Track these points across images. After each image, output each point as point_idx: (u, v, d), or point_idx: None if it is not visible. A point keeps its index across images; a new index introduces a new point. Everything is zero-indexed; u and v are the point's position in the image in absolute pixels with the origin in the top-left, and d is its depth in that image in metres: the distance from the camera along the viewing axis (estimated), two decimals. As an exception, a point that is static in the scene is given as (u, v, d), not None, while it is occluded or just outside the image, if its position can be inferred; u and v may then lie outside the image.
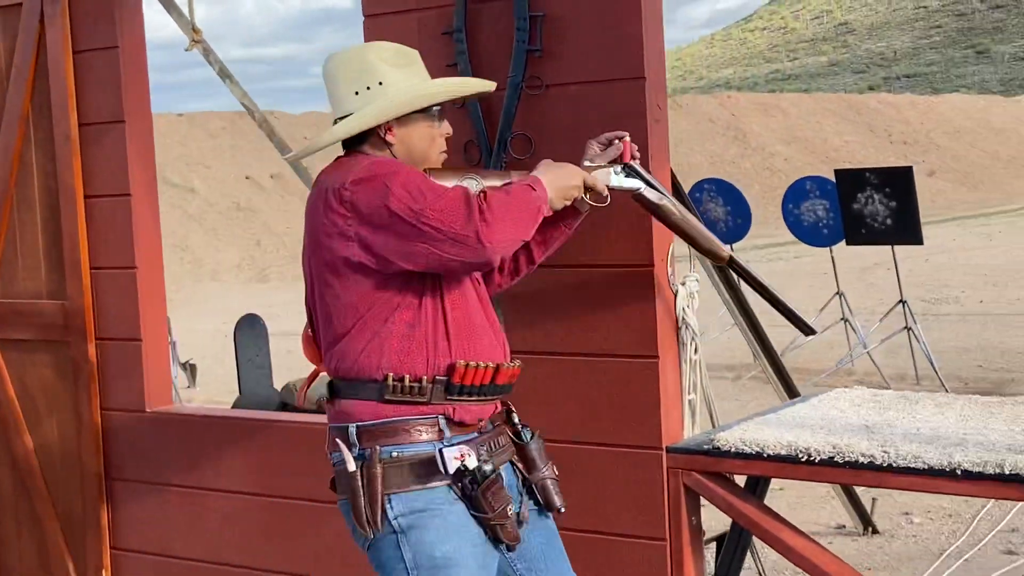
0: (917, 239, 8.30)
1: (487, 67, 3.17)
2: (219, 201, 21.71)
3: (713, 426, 3.47)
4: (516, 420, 2.68)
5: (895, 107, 37.64)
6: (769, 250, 18.19)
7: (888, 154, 32.48)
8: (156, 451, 4.00)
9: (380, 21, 3.41)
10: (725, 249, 2.96)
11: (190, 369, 9.89)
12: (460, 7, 3.23)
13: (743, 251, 16.12)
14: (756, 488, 3.22)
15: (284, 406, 4.44)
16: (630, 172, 2.82)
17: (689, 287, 3.13)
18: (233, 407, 4.99)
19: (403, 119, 2.60)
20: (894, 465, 2.72)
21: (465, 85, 2.80)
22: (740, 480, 3.15)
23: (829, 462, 2.80)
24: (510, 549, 2.61)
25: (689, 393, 3.16)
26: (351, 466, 2.51)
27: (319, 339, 2.67)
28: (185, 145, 22.70)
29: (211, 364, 10.27)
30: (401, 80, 2.61)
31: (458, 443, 2.54)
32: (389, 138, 2.60)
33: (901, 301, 8.58)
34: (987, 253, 17.61)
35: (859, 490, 5.09)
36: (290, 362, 10.66)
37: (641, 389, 3.06)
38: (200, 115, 23.56)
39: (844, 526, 5.37)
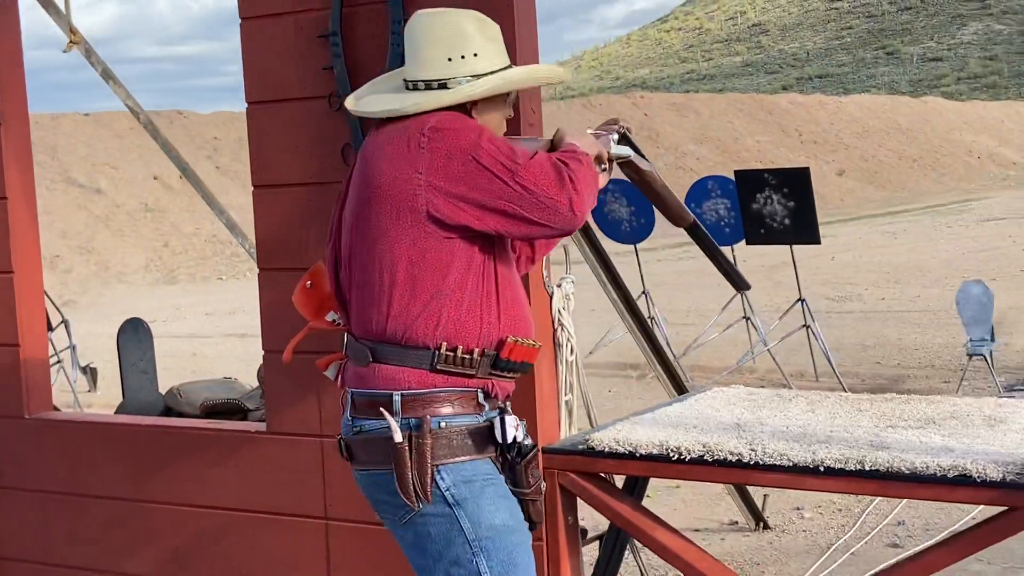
0: (814, 239, 8.45)
1: (363, 70, 3.17)
2: (126, 202, 21.38)
3: (592, 426, 3.50)
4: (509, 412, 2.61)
5: (805, 107, 38.19)
6: (679, 249, 18.36)
7: (799, 154, 32.92)
8: (36, 457, 3.93)
9: (257, 24, 3.39)
10: (691, 215, 3.07)
11: (90, 372, 9.74)
12: (336, 10, 3.22)
13: (653, 250, 16.24)
14: (635, 487, 3.25)
15: (168, 411, 4.40)
16: (621, 140, 2.91)
17: (565, 289, 3.16)
18: (117, 412, 4.92)
19: (490, 97, 2.56)
20: (760, 463, 2.78)
21: (560, 72, 2.77)
22: (622, 479, 3.18)
23: (699, 461, 2.85)
24: (532, 529, 2.60)
25: (565, 394, 3.19)
26: (398, 436, 2.42)
27: (348, 295, 2.57)
28: (91, 145, 22.31)
29: (114, 368, 10.10)
30: (493, 55, 2.55)
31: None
32: (474, 112, 2.55)
33: (800, 299, 8.72)
34: (891, 251, 17.94)
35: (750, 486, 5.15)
36: (195, 364, 10.57)
37: (517, 390, 3.05)
38: (107, 115, 23.12)
39: (737, 522, 5.44)
